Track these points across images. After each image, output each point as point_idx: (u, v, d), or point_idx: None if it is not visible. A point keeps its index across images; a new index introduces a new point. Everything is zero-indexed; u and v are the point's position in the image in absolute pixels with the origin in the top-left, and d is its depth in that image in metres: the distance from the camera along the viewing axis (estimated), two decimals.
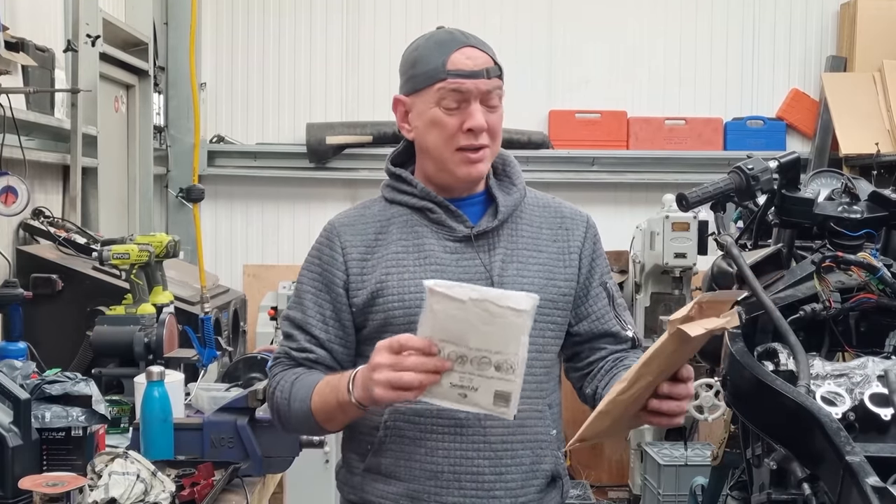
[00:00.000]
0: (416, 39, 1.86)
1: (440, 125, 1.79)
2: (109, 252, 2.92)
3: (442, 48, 1.79)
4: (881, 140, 5.03)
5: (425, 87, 1.79)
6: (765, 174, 2.30)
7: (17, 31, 3.21)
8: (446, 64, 1.77)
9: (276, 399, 1.82)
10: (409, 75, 1.82)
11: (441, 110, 1.78)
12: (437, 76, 1.77)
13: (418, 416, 1.79)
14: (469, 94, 1.77)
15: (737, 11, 5.63)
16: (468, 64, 1.77)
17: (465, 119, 1.78)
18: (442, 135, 1.79)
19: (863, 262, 2.21)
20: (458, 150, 1.79)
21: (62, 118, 3.61)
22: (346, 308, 1.83)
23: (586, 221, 1.98)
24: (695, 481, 3.68)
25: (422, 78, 1.79)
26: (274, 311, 4.91)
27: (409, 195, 1.86)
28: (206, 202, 5.12)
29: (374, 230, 1.85)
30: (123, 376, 2.77)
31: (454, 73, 1.77)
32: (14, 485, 1.90)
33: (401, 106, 1.85)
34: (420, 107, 1.81)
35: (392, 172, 1.90)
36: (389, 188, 1.90)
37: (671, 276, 4.92)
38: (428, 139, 1.82)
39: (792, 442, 2.01)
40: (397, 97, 1.85)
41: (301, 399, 1.78)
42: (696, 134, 5.54)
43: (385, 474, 1.82)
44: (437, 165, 1.84)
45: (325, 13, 5.55)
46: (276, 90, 5.55)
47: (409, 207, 1.86)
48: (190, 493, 2.11)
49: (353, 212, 1.91)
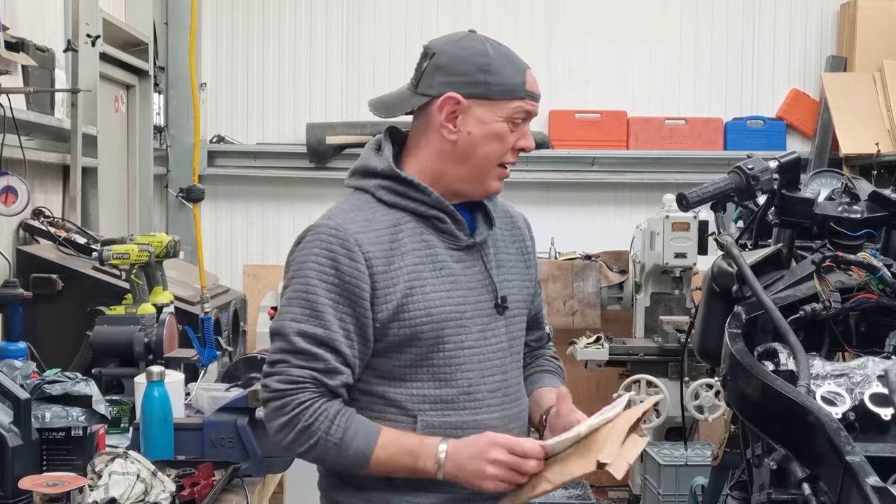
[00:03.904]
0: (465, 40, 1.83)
1: (502, 140, 1.81)
2: (109, 252, 2.92)
3: (514, 65, 1.82)
4: (881, 140, 5.03)
5: (501, 100, 1.80)
6: (765, 174, 2.30)
7: (17, 31, 3.21)
8: (525, 84, 1.81)
9: (319, 438, 1.73)
10: (481, 82, 1.79)
11: (508, 126, 1.81)
12: (517, 94, 1.80)
13: (455, 429, 1.80)
14: (531, 118, 1.84)
15: (737, 11, 5.63)
16: (536, 89, 1.84)
17: (518, 138, 1.83)
18: (500, 149, 1.82)
19: (863, 262, 2.21)
20: (500, 165, 1.84)
21: (62, 118, 3.61)
22: (370, 322, 1.76)
23: (524, 219, 2.05)
24: (695, 481, 3.67)
25: (499, 89, 1.79)
26: (274, 310, 4.90)
27: (419, 202, 1.83)
28: (206, 202, 5.12)
29: (387, 238, 1.80)
30: (123, 376, 2.77)
31: (531, 95, 1.82)
32: (14, 485, 1.90)
33: (453, 105, 1.80)
34: (485, 116, 1.80)
35: (402, 178, 1.83)
36: (391, 192, 1.84)
37: (671, 276, 4.92)
38: (482, 149, 1.81)
39: (792, 442, 2.01)
40: (453, 96, 1.79)
41: (358, 450, 1.73)
42: (696, 134, 5.54)
43: (415, 487, 1.80)
44: (472, 174, 1.83)
45: (325, 13, 5.55)
46: (276, 90, 5.56)
47: (415, 214, 1.83)
48: (190, 493, 2.11)
49: (356, 216, 1.82)
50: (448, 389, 1.80)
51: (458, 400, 1.81)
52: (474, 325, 1.83)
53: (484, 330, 1.84)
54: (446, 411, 1.80)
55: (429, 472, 1.73)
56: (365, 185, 1.87)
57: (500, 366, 1.87)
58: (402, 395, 1.80)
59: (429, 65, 1.82)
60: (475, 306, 1.84)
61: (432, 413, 1.80)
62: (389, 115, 1.91)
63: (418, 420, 1.79)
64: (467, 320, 1.82)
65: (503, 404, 1.87)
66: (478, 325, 1.84)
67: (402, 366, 1.80)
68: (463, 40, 1.83)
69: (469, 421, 1.80)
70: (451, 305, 1.80)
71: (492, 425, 1.81)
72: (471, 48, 1.81)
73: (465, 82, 1.79)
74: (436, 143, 1.83)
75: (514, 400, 1.90)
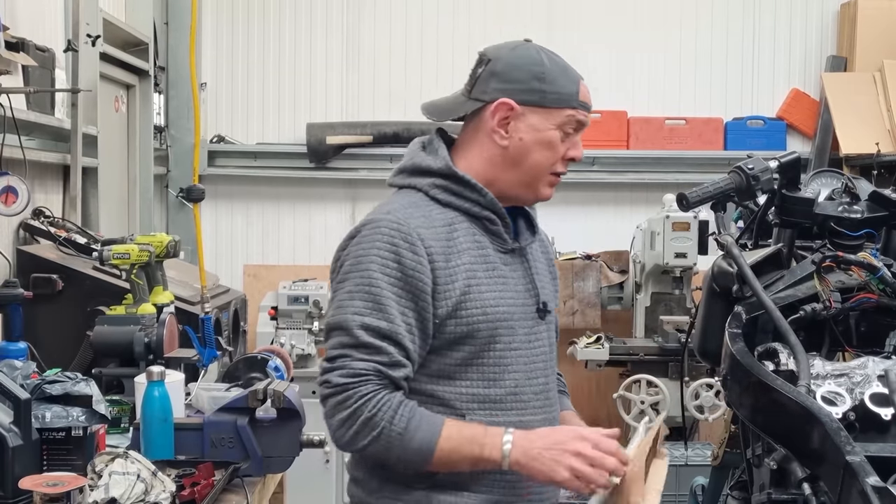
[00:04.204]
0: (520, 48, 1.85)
1: (553, 148, 1.84)
2: (110, 252, 2.92)
3: (568, 75, 1.84)
4: (881, 140, 5.03)
5: (554, 108, 1.82)
6: (765, 174, 2.30)
7: (17, 31, 3.21)
8: (578, 94, 1.84)
9: (382, 428, 1.71)
10: (535, 89, 1.81)
11: (560, 134, 1.83)
12: (570, 103, 1.83)
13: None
14: (583, 128, 1.86)
15: (737, 11, 5.63)
16: (589, 99, 1.86)
17: (569, 148, 1.86)
18: (550, 157, 1.85)
19: (863, 262, 2.21)
20: (551, 173, 1.86)
21: (62, 118, 3.60)
22: (430, 318, 1.77)
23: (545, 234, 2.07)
24: (695, 481, 3.68)
25: (553, 98, 1.82)
26: (274, 310, 4.91)
27: (473, 203, 1.84)
28: (206, 202, 5.11)
29: (444, 235, 1.81)
30: (123, 376, 2.77)
31: (583, 105, 1.85)
32: (14, 485, 1.90)
33: (506, 111, 1.82)
34: (537, 123, 1.82)
35: (459, 177, 1.84)
36: (446, 191, 1.85)
37: (671, 276, 4.92)
38: (532, 156, 1.84)
39: (792, 442, 2.01)
40: (507, 101, 1.81)
41: (423, 440, 1.72)
42: (697, 134, 5.54)
43: (458, 487, 1.80)
44: (524, 181, 1.86)
45: (325, 13, 5.55)
46: (276, 90, 5.55)
47: (468, 214, 1.84)
48: (190, 493, 2.11)
49: (414, 212, 1.81)
50: (496, 389, 1.82)
51: (506, 400, 1.83)
52: (521, 328, 1.86)
53: (529, 333, 1.87)
54: (494, 411, 1.82)
55: (494, 462, 1.72)
56: (417, 184, 1.87)
57: (542, 369, 1.90)
58: (450, 393, 1.81)
59: (484, 71, 1.85)
60: (521, 309, 1.87)
61: (480, 413, 1.81)
62: (442, 118, 1.94)
63: (466, 419, 1.79)
64: (515, 322, 1.85)
65: (545, 407, 1.90)
66: (524, 327, 1.86)
67: (452, 364, 1.80)
68: (518, 48, 1.86)
69: (515, 422, 1.81)
70: (504, 306, 1.83)
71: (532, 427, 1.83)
72: (526, 56, 1.84)
73: (519, 89, 1.82)
74: (487, 148, 1.85)
75: (553, 404, 1.93)
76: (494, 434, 1.73)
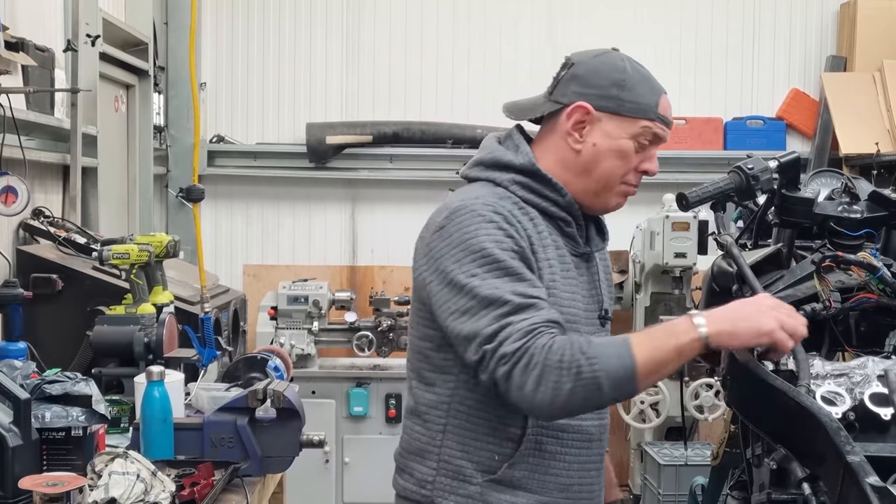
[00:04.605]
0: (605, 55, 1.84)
1: (626, 158, 1.82)
2: (109, 252, 2.92)
3: (650, 86, 1.83)
4: (881, 140, 5.03)
5: (631, 117, 1.80)
6: (765, 174, 2.29)
7: (17, 31, 3.21)
8: (658, 106, 1.82)
9: (579, 365, 1.62)
10: (614, 96, 1.80)
11: (634, 145, 1.81)
12: (648, 114, 1.81)
13: (562, 431, 1.82)
14: (659, 142, 1.84)
15: (737, 11, 5.63)
16: (669, 114, 1.84)
17: (644, 160, 1.84)
18: (622, 167, 1.83)
19: (863, 262, 2.21)
20: (623, 183, 1.85)
21: (62, 118, 3.60)
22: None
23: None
24: (695, 481, 3.67)
25: (631, 106, 1.80)
26: (274, 310, 4.91)
27: (551, 202, 1.83)
28: (206, 202, 5.12)
29: (531, 230, 1.79)
30: (123, 376, 2.77)
31: (662, 119, 1.83)
32: (14, 485, 1.90)
33: (582, 114, 1.81)
34: (612, 131, 1.81)
35: (542, 175, 1.83)
36: (525, 188, 1.82)
37: (671, 276, 4.92)
38: (604, 164, 1.82)
39: (792, 442, 2.01)
40: (584, 105, 1.80)
41: (621, 356, 1.64)
42: (696, 134, 5.54)
43: (514, 486, 1.80)
44: (593, 188, 1.85)
45: (325, 13, 5.55)
46: (276, 90, 5.56)
47: (545, 214, 1.83)
48: (190, 493, 2.11)
49: (507, 203, 1.78)
50: None
51: None
52: (585, 332, 1.85)
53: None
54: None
55: (696, 343, 1.67)
56: (497, 178, 1.84)
57: None
58: None
59: (566, 74, 1.85)
60: (586, 314, 1.87)
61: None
62: (520, 118, 1.93)
63: (529, 419, 1.78)
64: (581, 326, 1.85)
65: (600, 414, 1.90)
66: (587, 331, 1.86)
67: None
68: (603, 55, 1.85)
69: (574, 425, 1.82)
70: (575, 308, 1.83)
71: (591, 432, 1.85)
72: (609, 63, 1.83)
73: (597, 94, 1.81)
74: (560, 151, 1.84)
75: (605, 410, 1.93)
76: (680, 322, 1.69)
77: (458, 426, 1.82)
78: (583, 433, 1.85)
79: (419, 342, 1.87)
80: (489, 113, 5.50)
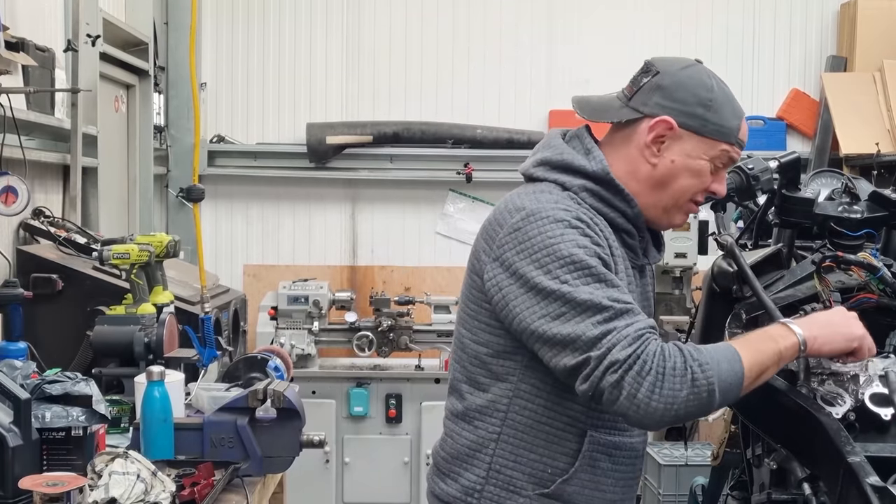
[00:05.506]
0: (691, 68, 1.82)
1: (701, 177, 1.79)
2: (110, 252, 2.92)
3: (733, 109, 1.80)
4: (881, 140, 5.03)
5: (712, 139, 1.77)
6: (765, 174, 2.30)
7: (17, 31, 3.21)
8: (739, 130, 1.80)
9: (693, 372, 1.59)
10: (699, 115, 1.77)
11: (710, 166, 1.79)
12: (729, 138, 1.79)
13: (615, 448, 1.82)
14: (732, 165, 1.84)
15: (737, 11, 5.63)
16: (746, 138, 1.82)
17: (713, 182, 1.81)
18: (694, 186, 1.80)
19: (863, 262, 2.20)
20: (690, 201, 1.82)
21: (62, 118, 3.60)
22: None
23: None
24: (695, 481, 3.67)
25: (713, 129, 1.77)
26: (274, 310, 4.91)
27: (619, 213, 1.79)
28: (206, 202, 5.13)
29: (611, 238, 1.77)
30: (123, 376, 2.77)
31: (739, 143, 1.81)
32: (14, 485, 1.90)
33: (664, 129, 1.77)
34: (692, 150, 1.77)
35: (615, 185, 1.78)
36: (595, 196, 1.78)
37: (671, 276, 4.92)
38: (679, 181, 1.79)
39: (792, 442, 2.01)
40: (668, 120, 1.76)
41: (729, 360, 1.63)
42: None
43: (564, 500, 1.79)
44: (664, 204, 1.81)
45: (325, 13, 5.55)
46: (276, 90, 5.55)
47: (611, 224, 1.79)
48: (190, 493, 2.11)
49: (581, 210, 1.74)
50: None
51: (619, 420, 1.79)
52: None
53: None
54: (613, 430, 1.81)
55: (795, 347, 1.71)
56: (567, 183, 1.79)
57: None
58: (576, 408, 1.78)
59: (649, 82, 1.80)
60: None
61: (602, 430, 1.80)
62: (592, 118, 1.87)
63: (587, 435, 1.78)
64: None
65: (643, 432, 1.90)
66: None
67: None
68: (690, 68, 1.82)
69: (627, 442, 1.83)
70: None
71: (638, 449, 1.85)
72: (696, 79, 1.80)
73: (681, 111, 1.76)
74: (634, 162, 1.80)
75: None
76: (775, 328, 1.74)
77: (514, 436, 1.79)
78: (633, 450, 1.84)
79: (475, 346, 1.81)
80: (489, 113, 5.51)
